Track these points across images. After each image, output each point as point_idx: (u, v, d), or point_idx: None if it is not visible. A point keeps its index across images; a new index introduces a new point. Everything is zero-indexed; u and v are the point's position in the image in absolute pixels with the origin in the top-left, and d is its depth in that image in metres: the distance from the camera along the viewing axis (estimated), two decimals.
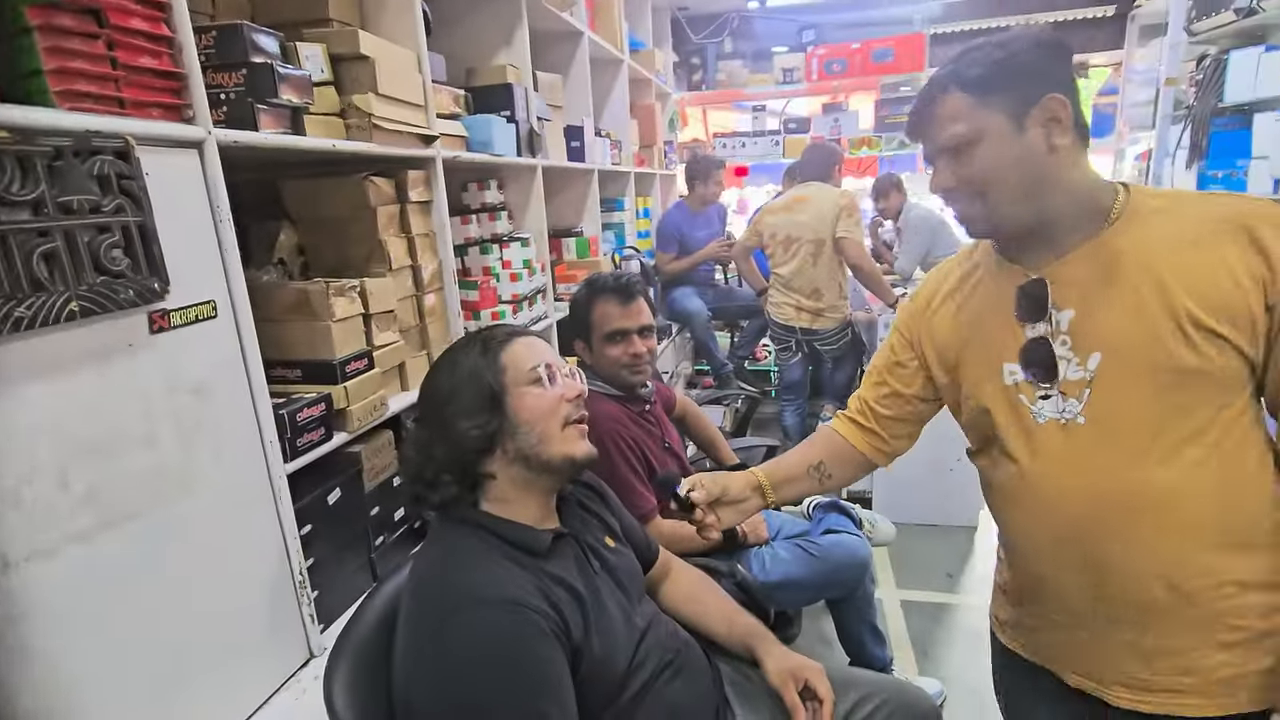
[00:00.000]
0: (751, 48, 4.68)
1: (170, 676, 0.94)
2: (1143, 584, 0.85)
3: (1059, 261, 0.88)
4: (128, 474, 0.87)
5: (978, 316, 0.96)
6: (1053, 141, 0.83)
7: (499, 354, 0.99)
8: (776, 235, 3.11)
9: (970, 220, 0.90)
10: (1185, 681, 0.86)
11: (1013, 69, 0.82)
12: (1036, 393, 0.90)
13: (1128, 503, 0.84)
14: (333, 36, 1.33)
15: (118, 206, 0.84)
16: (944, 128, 0.85)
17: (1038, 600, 0.97)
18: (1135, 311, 0.82)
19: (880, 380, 1.09)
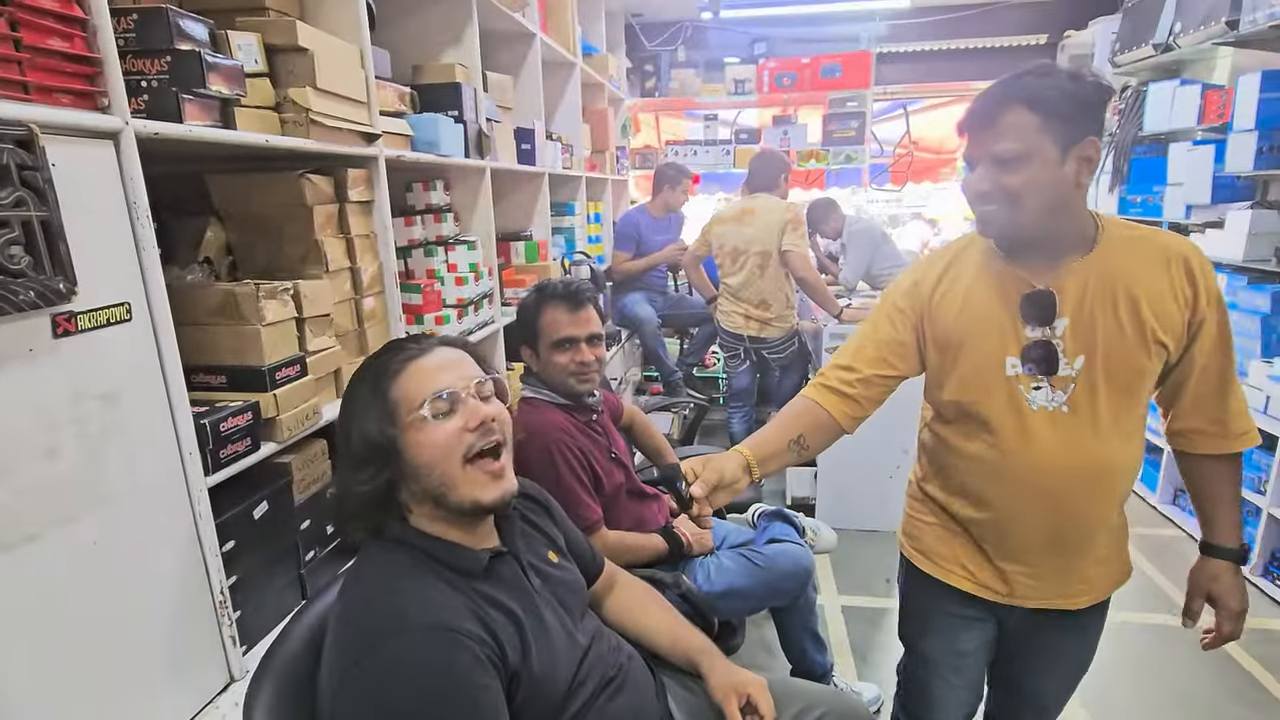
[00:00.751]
0: (704, 57, 4.73)
1: (72, 706, 0.86)
2: (1090, 528, 1.10)
3: (1055, 274, 1.03)
4: (25, 490, 0.80)
5: (980, 312, 1.08)
6: (1080, 177, 0.96)
7: (389, 390, 0.91)
8: (724, 246, 3.14)
9: (991, 222, 1.02)
10: (1082, 588, 1.15)
11: (1077, 104, 0.93)
12: (1032, 384, 1.05)
13: (1096, 471, 1.05)
14: (269, 26, 1.27)
15: (18, 200, 0.77)
16: (1003, 138, 0.94)
17: (993, 544, 1.16)
18: (1115, 325, 1.01)
19: (879, 356, 1.15)
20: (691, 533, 1.70)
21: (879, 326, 1.17)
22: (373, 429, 0.90)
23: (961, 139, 1.02)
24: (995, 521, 1.13)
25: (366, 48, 1.49)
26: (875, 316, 1.19)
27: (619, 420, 1.95)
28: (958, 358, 1.10)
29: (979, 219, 1.03)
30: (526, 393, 1.63)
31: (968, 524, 1.18)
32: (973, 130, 0.98)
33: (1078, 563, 1.13)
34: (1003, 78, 0.96)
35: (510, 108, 2.48)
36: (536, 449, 1.48)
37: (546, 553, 1.13)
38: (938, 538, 1.23)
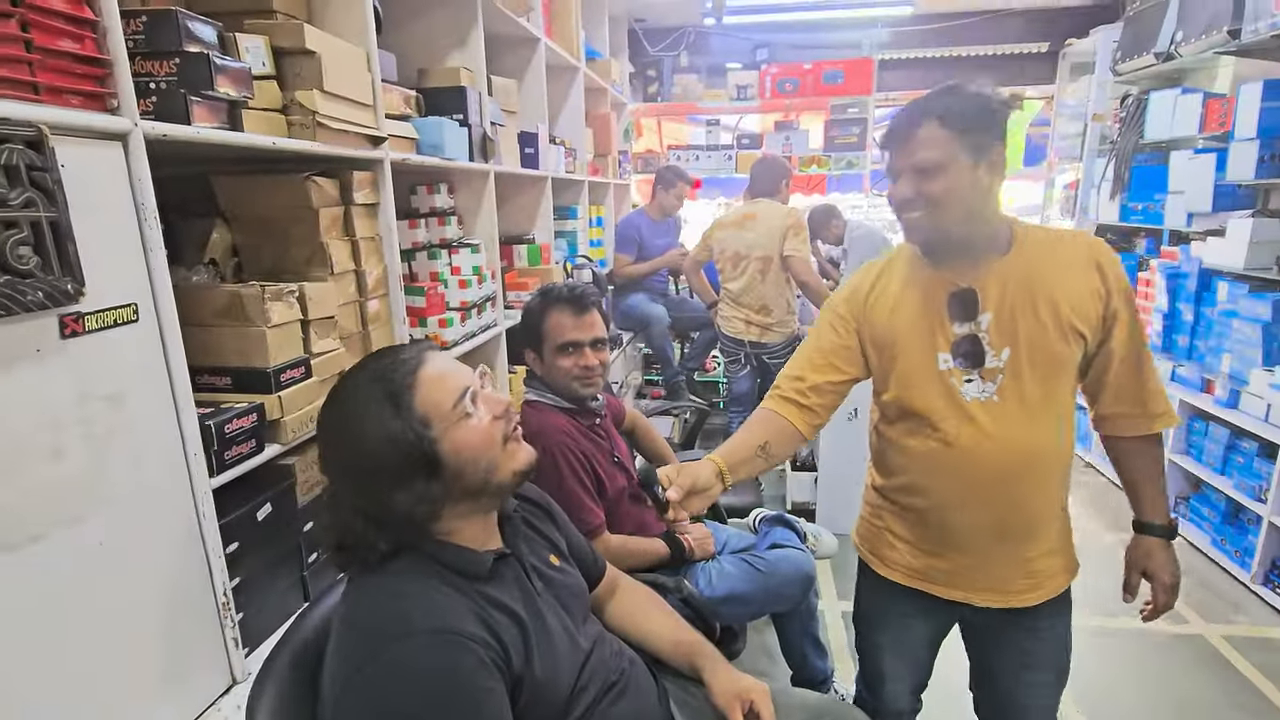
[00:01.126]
0: (707, 63, 4.75)
1: (75, 707, 0.86)
2: (1031, 514, 1.17)
3: (977, 274, 1.12)
4: (31, 491, 0.80)
5: (911, 313, 1.17)
6: (991, 183, 1.07)
7: (412, 404, 0.88)
8: (725, 251, 3.15)
9: (916, 228, 1.11)
10: (1029, 582, 1.20)
11: (984, 117, 1.04)
12: (964, 377, 1.14)
13: (1031, 457, 1.13)
14: (277, 29, 1.27)
15: (28, 200, 0.77)
16: (920, 150, 1.05)
17: (941, 537, 1.22)
18: (1034, 318, 1.09)
19: (826, 363, 1.23)
20: (693, 537, 1.70)
21: (823, 335, 1.25)
22: (410, 440, 0.87)
23: (884, 155, 1.12)
24: (940, 510, 1.19)
25: (373, 51, 1.50)
26: (819, 325, 1.28)
27: (621, 424, 1.95)
28: (894, 356, 1.18)
29: (905, 226, 1.12)
30: (530, 396, 1.63)
31: (915, 517, 1.23)
32: (893, 146, 1.09)
33: (1024, 552, 1.18)
34: (915, 98, 1.08)
35: (514, 111, 2.49)
36: (539, 452, 1.48)
37: (548, 556, 1.13)
38: (887, 542, 1.30)
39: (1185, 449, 2.98)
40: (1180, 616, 2.41)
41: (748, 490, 2.49)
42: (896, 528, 1.28)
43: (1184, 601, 2.51)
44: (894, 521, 1.29)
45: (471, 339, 2.05)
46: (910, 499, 1.24)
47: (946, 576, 1.23)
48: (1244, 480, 2.60)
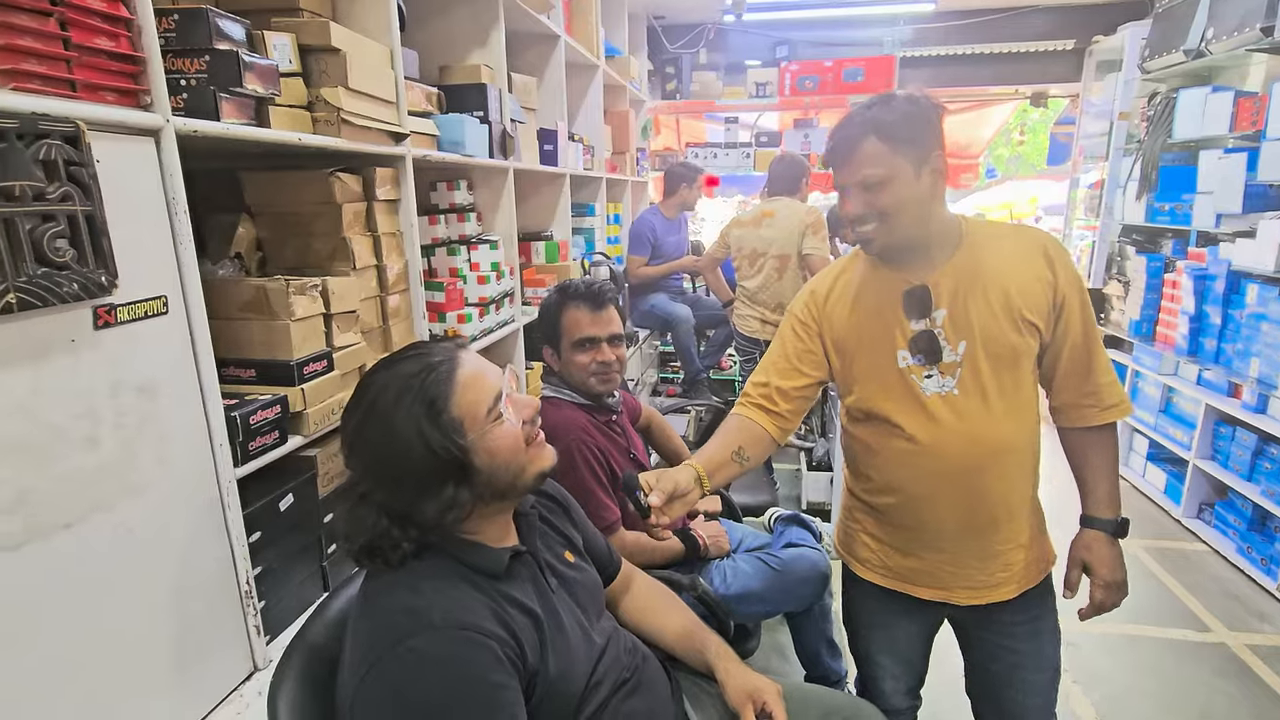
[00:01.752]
0: (726, 60, 4.73)
1: (101, 691, 0.89)
2: (999, 506, 1.17)
3: (930, 272, 1.14)
4: (63, 478, 0.82)
5: (869, 313, 1.19)
6: (935, 187, 1.10)
7: (448, 409, 0.88)
8: (743, 249, 3.14)
9: (872, 239, 1.14)
10: (1004, 575, 1.21)
11: (919, 126, 1.07)
12: (924, 373, 1.16)
13: (994, 448, 1.15)
14: (303, 27, 1.29)
15: (64, 194, 0.79)
16: (863, 167, 1.08)
17: (912, 534, 1.23)
18: (988, 310, 1.12)
19: (792, 368, 1.25)
20: (708, 535, 1.71)
21: (786, 340, 1.28)
22: (445, 449, 0.87)
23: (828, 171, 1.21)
24: (912, 508, 1.21)
25: (397, 48, 1.51)
26: (783, 331, 1.30)
27: (637, 421, 1.95)
28: (855, 357, 1.21)
29: (859, 239, 1.15)
30: (547, 392, 1.64)
31: (887, 517, 1.25)
32: (836, 164, 1.12)
33: (997, 545, 1.20)
34: (850, 114, 1.11)
35: (534, 109, 2.50)
36: (557, 449, 1.48)
37: (563, 552, 1.14)
38: (862, 543, 1.31)
39: (1211, 454, 2.93)
40: (1203, 624, 2.38)
41: (763, 489, 2.49)
42: (870, 528, 1.30)
43: (1208, 609, 2.48)
44: (867, 522, 1.30)
45: (489, 334, 2.06)
46: (881, 499, 1.25)
47: (922, 576, 1.24)
48: (1271, 486, 2.55)
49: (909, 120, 1.06)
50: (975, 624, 1.29)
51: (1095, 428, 1.21)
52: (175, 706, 1.00)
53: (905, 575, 1.27)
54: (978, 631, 1.30)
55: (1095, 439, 1.22)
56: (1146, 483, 3.32)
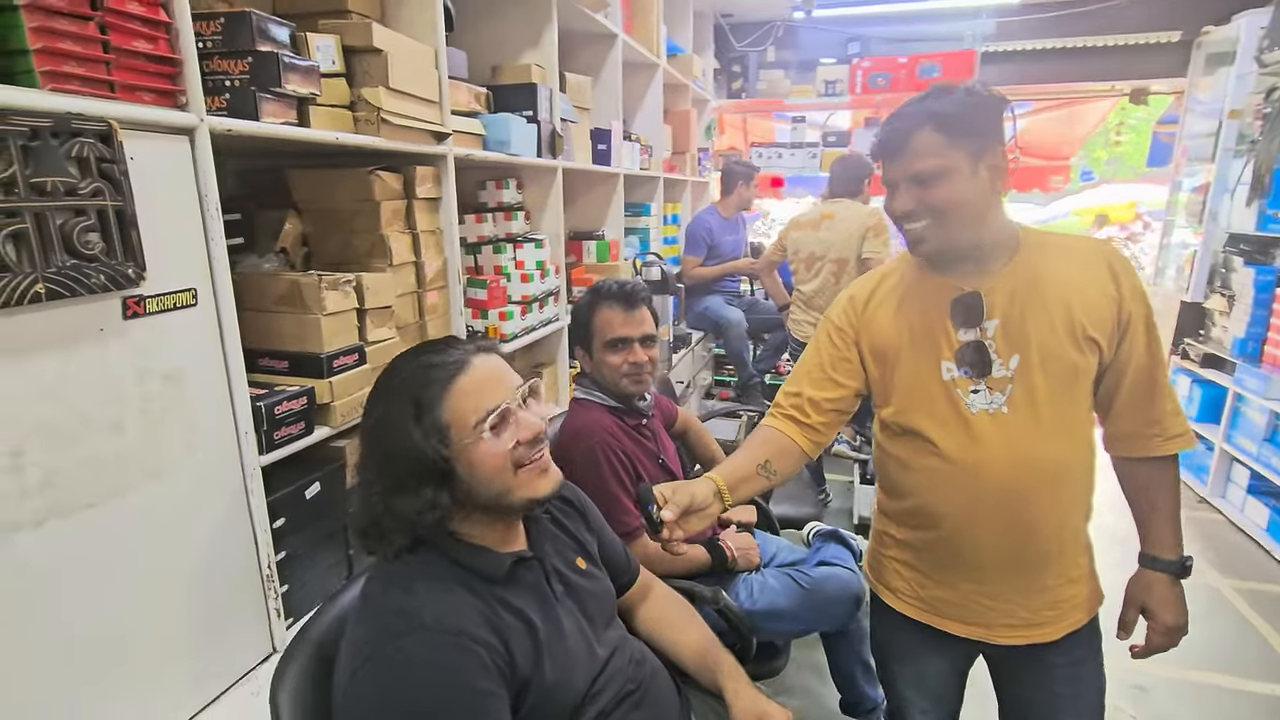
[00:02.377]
0: (795, 58, 4.60)
1: (120, 664, 0.93)
2: (1050, 538, 1.08)
3: (983, 278, 1.06)
4: (90, 460, 0.87)
5: (914, 321, 1.12)
6: (994, 185, 1.02)
7: (438, 412, 0.87)
8: (800, 252, 3.04)
9: (921, 240, 1.06)
10: (1050, 614, 1.11)
11: (979, 119, 0.99)
12: (970, 387, 1.07)
13: (1045, 473, 1.05)
14: (348, 28, 1.33)
15: (95, 190, 0.83)
16: (917, 160, 1.01)
17: (950, 564, 1.14)
18: (1045, 323, 1.03)
19: (826, 377, 1.19)
20: (737, 547, 1.65)
21: (822, 347, 1.21)
22: (425, 452, 0.87)
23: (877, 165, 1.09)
24: (949, 538, 1.12)
25: (441, 48, 1.54)
26: (818, 337, 1.23)
27: (672, 426, 1.92)
28: (895, 366, 1.13)
29: (909, 239, 1.07)
30: (578, 394, 1.63)
31: (921, 542, 1.16)
32: (887, 156, 1.05)
33: (1044, 581, 1.10)
34: (904, 104, 1.04)
35: (588, 108, 2.50)
36: (581, 450, 1.48)
37: (574, 558, 1.12)
38: (893, 570, 1.23)
39: None
40: None
41: (807, 501, 2.40)
42: (902, 554, 1.21)
43: None
44: (899, 548, 1.21)
45: (531, 333, 2.07)
46: (915, 522, 1.17)
47: (957, 610, 1.15)
48: None
49: (968, 112, 0.99)
50: (1012, 661, 1.19)
51: (1157, 459, 1.10)
52: (193, 680, 1.04)
53: (939, 608, 1.18)
54: (1013, 669, 1.20)
55: (1157, 471, 1.12)
56: (1245, 518, 3.00)
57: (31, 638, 0.82)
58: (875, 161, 1.11)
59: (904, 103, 1.05)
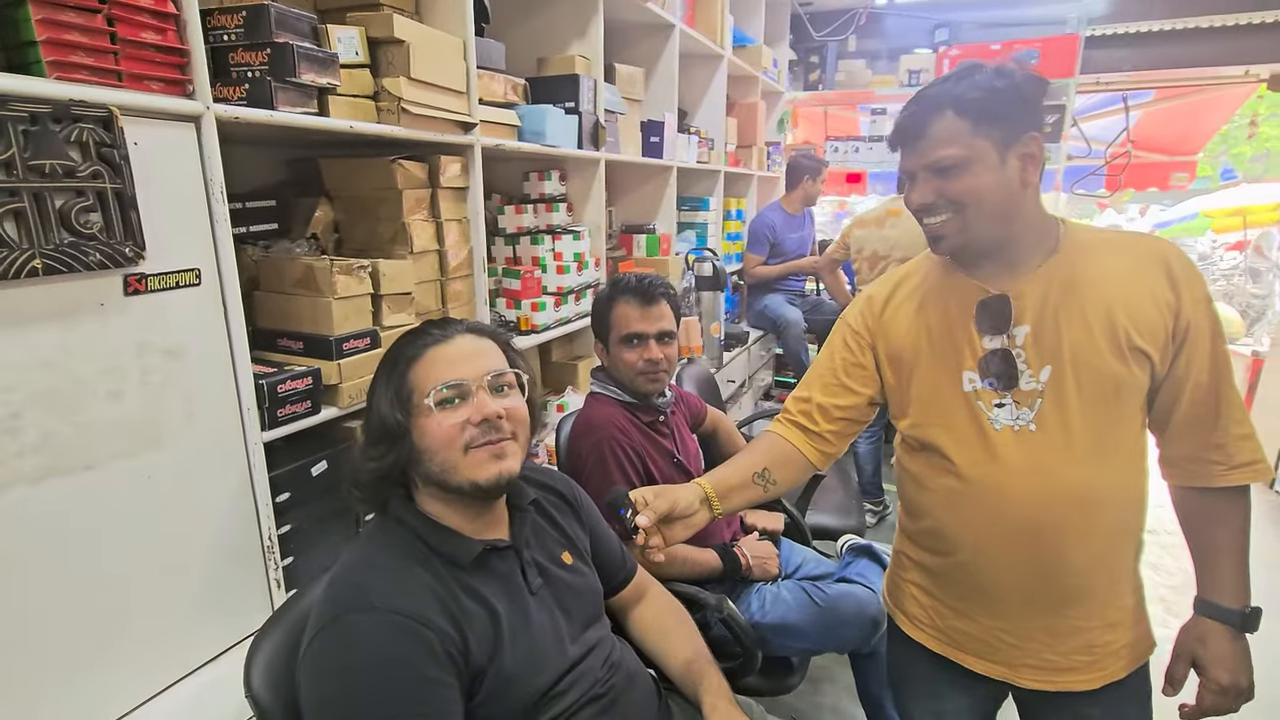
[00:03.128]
0: (878, 47, 4.38)
1: (116, 620, 0.99)
2: (1078, 575, 0.97)
3: (1013, 280, 0.97)
4: (88, 425, 0.92)
5: (935, 324, 1.03)
6: (1026, 176, 0.92)
7: (406, 374, 0.94)
8: (863, 251, 2.89)
9: (944, 236, 0.96)
10: (1084, 659, 0.99)
11: (1007, 101, 0.89)
12: (994, 400, 0.98)
13: (1078, 501, 0.94)
14: (370, 20, 1.36)
15: (95, 172, 0.88)
16: (937, 148, 0.92)
17: (967, 594, 1.05)
18: (1083, 330, 0.93)
19: (837, 383, 1.11)
20: (755, 554, 1.58)
21: (835, 351, 1.14)
22: (387, 410, 0.93)
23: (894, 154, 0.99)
24: (967, 566, 1.03)
25: (470, 40, 1.55)
26: (832, 340, 1.16)
27: (700, 425, 1.86)
28: (912, 375, 1.05)
29: (929, 235, 0.98)
30: (594, 387, 1.61)
31: (939, 568, 1.08)
32: (904, 144, 0.96)
33: (1073, 622, 0.99)
34: (924, 88, 0.95)
35: (638, 100, 2.47)
36: (589, 445, 1.46)
37: (560, 553, 1.10)
38: (910, 596, 1.14)
39: None
40: None
41: (851, 513, 2.27)
42: (919, 579, 1.12)
43: None
44: (916, 571, 1.13)
45: (566, 324, 2.07)
46: (932, 545, 1.08)
47: (979, 645, 1.05)
48: None
49: (996, 96, 0.89)
50: (1043, 708, 1.07)
51: (1220, 490, 0.97)
52: (189, 640, 1.10)
53: (958, 641, 1.08)
54: (1045, 714, 1.08)
55: (1220, 505, 0.98)
56: None
57: (30, 588, 0.89)
58: (893, 151, 1.01)
59: (925, 85, 0.97)
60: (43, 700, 0.91)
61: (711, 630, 1.45)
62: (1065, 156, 3.86)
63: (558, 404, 2.17)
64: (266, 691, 0.92)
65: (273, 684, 0.93)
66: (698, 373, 2.38)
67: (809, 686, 2.17)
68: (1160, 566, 2.77)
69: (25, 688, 0.89)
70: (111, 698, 1.00)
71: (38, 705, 0.91)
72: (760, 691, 1.52)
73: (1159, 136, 5.20)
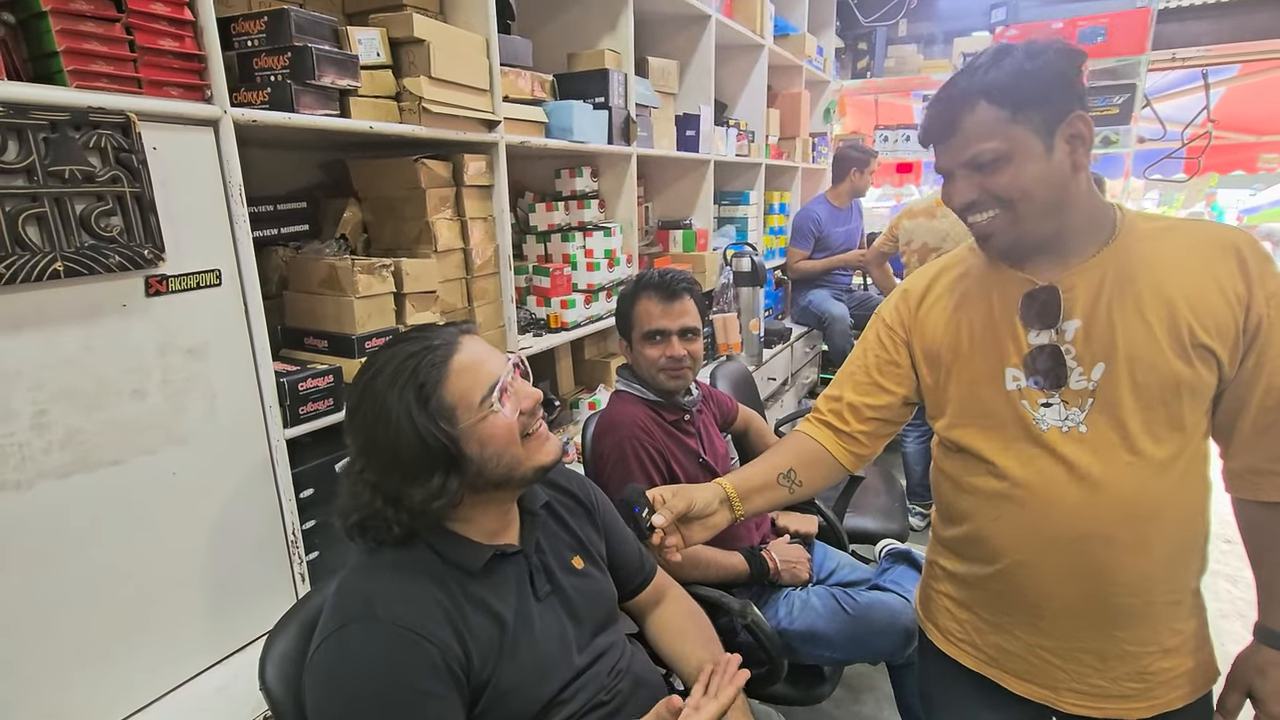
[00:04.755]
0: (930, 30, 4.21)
1: (142, 612, 1.02)
2: (1130, 592, 0.89)
3: (1064, 271, 0.90)
4: (112, 422, 0.96)
5: (975, 319, 0.96)
6: (1076, 160, 0.85)
7: (441, 395, 0.86)
8: (912, 243, 2.77)
9: (991, 234, 0.90)
10: (1135, 687, 0.92)
11: (1044, 82, 0.83)
12: (1040, 401, 0.91)
13: (1131, 512, 0.87)
14: (391, 21, 1.37)
15: (114, 177, 0.91)
16: (973, 142, 0.85)
17: (1008, 608, 0.98)
18: (1140, 325, 0.85)
19: (870, 381, 1.07)
20: (785, 559, 1.53)
21: (869, 348, 1.08)
22: (434, 437, 0.85)
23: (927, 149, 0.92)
24: (1007, 576, 0.96)
25: (493, 38, 1.54)
26: (866, 336, 1.10)
27: (731, 424, 1.82)
28: (950, 372, 0.99)
29: (975, 234, 0.92)
30: (618, 384, 1.58)
31: (977, 580, 1.01)
32: (937, 141, 0.90)
33: (1123, 646, 0.91)
34: (953, 76, 0.87)
35: (673, 93, 2.43)
36: (611, 444, 1.44)
37: (571, 557, 1.08)
38: (944, 609, 1.08)
39: None
40: None
41: (895, 517, 2.18)
42: (953, 590, 1.06)
43: None
44: (949, 581, 1.06)
45: (596, 321, 2.06)
46: (968, 553, 1.02)
47: (1017, 663, 0.99)
48: None
49: (1031, 78, 0.82)
50: None
51: None
52: (214, 632, 1.13)
53: (996, 658, 1.01)
54: None
55: None
56: None
57: (59, 580, 0.92)
58: (924, 148, 0.95)
59: (953, 75, 0.89)
60: (70, 688, 0.95)
61: (737, 636, 1.41)
62: (1136, 139, 3.61)
63: (589, 401, 2.16)
64: (280, 685, 0.93)
65: (285, 679, 0.94)
66: (734, 370, 2.32)
67: (849, 695, 2.10)
68: (1240, 579, 2.56)
69: (54, 677, 0.93)
70: (137, 687, 1.03)
71: (66, 693, 0.95)
72: (790, 700, 1.47)
73: (1244, 115, 4.80)
